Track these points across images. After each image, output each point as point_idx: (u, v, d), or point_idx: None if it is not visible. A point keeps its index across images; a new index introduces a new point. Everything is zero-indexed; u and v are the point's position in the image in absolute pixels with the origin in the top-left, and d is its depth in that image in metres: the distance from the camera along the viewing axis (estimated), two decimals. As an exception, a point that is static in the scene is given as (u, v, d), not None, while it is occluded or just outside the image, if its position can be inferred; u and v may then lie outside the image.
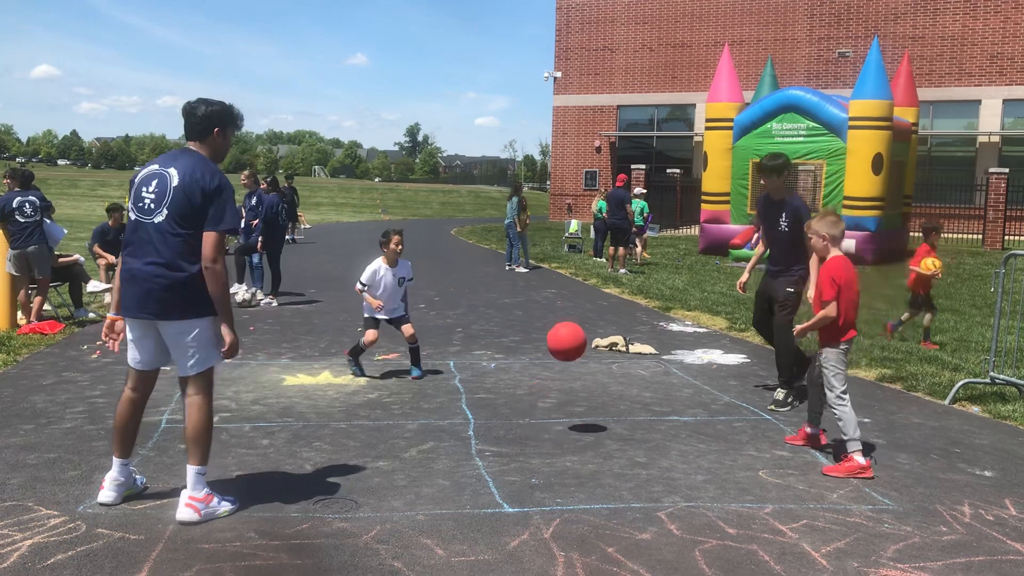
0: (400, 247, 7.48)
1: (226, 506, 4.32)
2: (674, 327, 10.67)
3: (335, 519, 4.28)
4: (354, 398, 6.82)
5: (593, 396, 7.02)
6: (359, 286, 7.50)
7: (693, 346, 9.34)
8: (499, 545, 4.01)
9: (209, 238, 4.15)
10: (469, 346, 9.17)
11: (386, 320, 7.58)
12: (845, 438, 5.19)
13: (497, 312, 11.68)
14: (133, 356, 4.38)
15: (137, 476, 4.56)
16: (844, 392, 5.31)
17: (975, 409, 6.82)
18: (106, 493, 4.37)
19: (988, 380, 7.16)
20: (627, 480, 4.96)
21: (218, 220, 4.17)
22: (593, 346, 9.16)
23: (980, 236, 25.21)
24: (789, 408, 6.76)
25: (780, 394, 6.86)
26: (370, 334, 7.46)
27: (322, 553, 3.88)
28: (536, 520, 4.32)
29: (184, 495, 4.24)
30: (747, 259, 13.25)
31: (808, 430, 5.69)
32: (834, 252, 5.45)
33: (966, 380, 7.28)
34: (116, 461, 4.40)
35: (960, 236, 25.82)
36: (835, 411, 5.27)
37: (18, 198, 9.46)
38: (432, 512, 4.40)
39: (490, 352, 8.85)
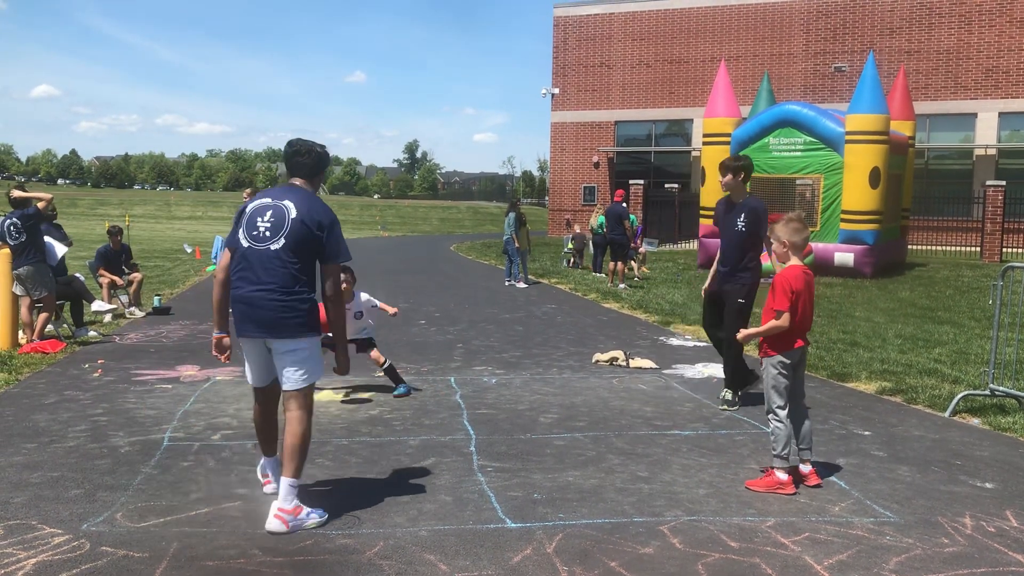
0: (346, 285, 7.28)
1: (315, 517, 4.44)
2: (674, 341, 10.69)
3: (338, 535, 4.29)
4: (356, 415, 6.83)
5: (594, 411, 7.03)
6: None
7: (693, 360, 9.36)
8: (502, 560, 4.02)
9: (332, 271, 4.55)
10: (470, 362, 9.19)
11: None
12: (773, 453, 5.03)
13: (497, 327, 11.70)
14: (250, 376, 4.75)
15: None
16: (781, 407, 5.08)
17: (975, 421, 6.83)
18: (271, 486, 4.84)
19: (988, 392, 7.18)
20: (629, 494, 4.97)
21: (336, 253, 4.55)
22: (594, 361, 9.19)
23: (978, 248, 25.27)
24: (738, 407, 7.14)
25: (728, 394, 7.22)
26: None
27: (326, 569, 3.89)
28: (539, 535, 4.33)
29: (274, 506, 4.42)
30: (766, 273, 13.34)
31: (802, 468, 5.18)
32: (793, 260, 5.16)
33: (966, 392, 7.29)
34: (265, 459, 4.94)
35: (958, 249, 25.87)
36: (770, 424, 5.10)
37: (7, 221, 9.43)
38: (435, 528, 4.41)
39: (491, 367, 8.86)
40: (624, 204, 18.08)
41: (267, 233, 4.48)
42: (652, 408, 7.17)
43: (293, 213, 4.48)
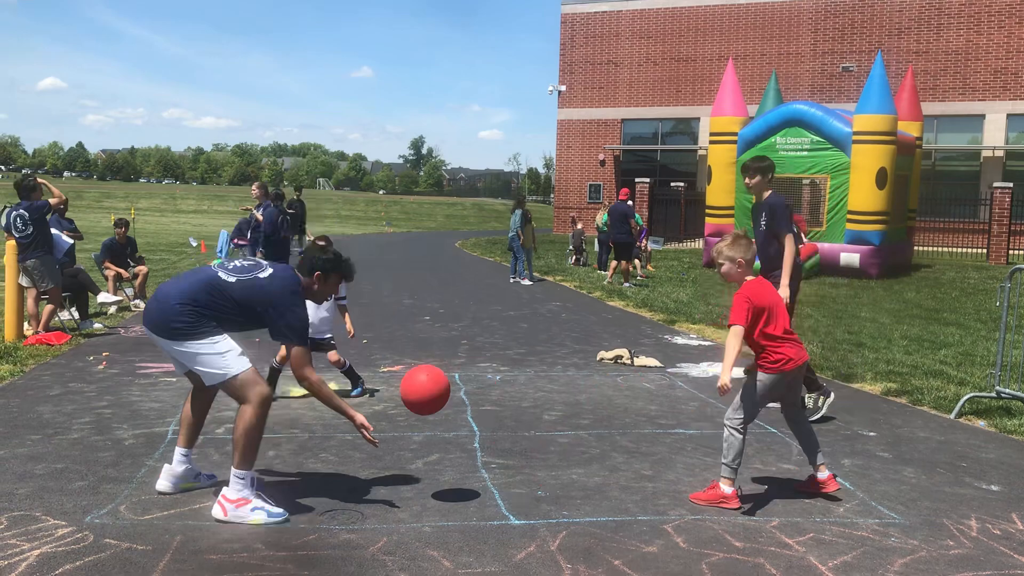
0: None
1: (260, 515, 4.35)
2: (679, 340, 10.68)
3: (342, 531, 4.29)
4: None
5: (599, 408, 7.03)
6: None
7: (698, 359, 9.34)
8: (505, 557, 4.01)
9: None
10: (474, 358, 9.18)
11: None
12: (723, 461, 4.77)
13: (502, 324, 11.69)
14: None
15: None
16: (744, 421, 4.78)
17: (981, 423, 6.81)
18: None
19: (994, 394, 7.16)
20: (633, 493, 4.96)
21: (278, 333, 4.60)
22: (598, 359, 9.18)
23: (985, 250, 25.19)
24: (818, 411, 6.76)
25: (810, 401, 6.81)
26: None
27: (329, 564, 3.89)
28: (542, 532, 4.32)
29: (221, 492, 4.44)
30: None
31: (820, 476, 5.01)
32: (749, 277, 4.89)
33: (972, 394, 7.27)
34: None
35: (965, 250, 25.80)
36: (726, 431, 4.79)
37: (13, 213, 9.41)
38: (438, 524, 4.40)
39: (495, 364, 8.85)
40: (630, 202, 17.93)
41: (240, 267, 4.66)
42: (656, 406, 7.16)
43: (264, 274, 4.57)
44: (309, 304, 6.65)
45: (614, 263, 17.34)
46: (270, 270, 4.62)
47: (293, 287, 4.59)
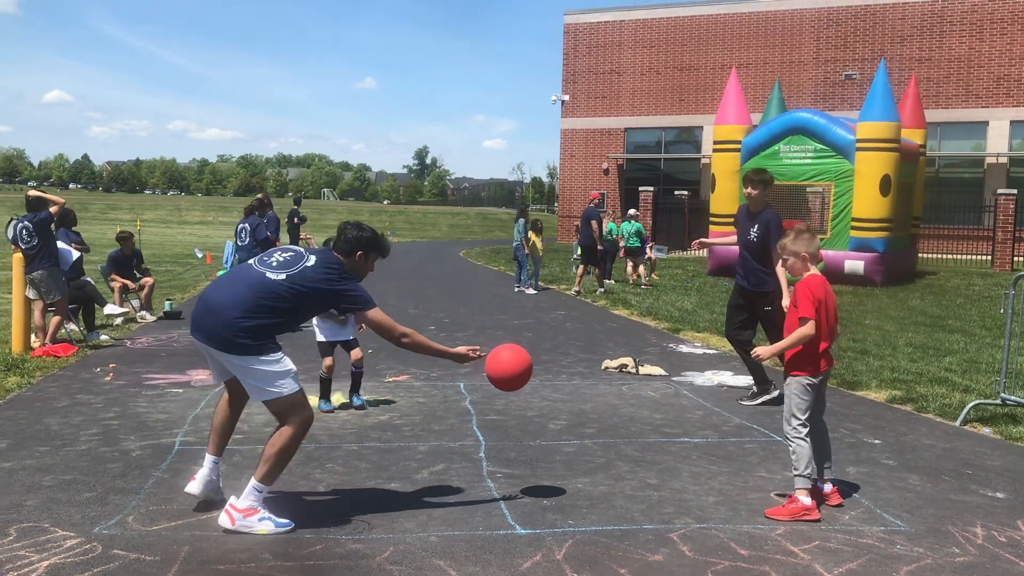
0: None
1: (267, 525, 4.36)
2: (684, 348, 10.68)
3: (348, 540, 4.31)
4: (365, 420, 6.85)
5: (603, 417, 7.04)
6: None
7: (703, 367, 9.35)
8: (512, 566, 4.02)
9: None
10: (479, 367, 9.17)
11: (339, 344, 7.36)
12: (795, 473, 4.79)
13: (507, 334, 11.71)
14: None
15: None
16: (803, 424, 4.85)
17: (986, 430, 6.81)
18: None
19: (999, 401, 7.15)
20: (639, 502, 4.97)
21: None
22: (603, 368, 9.19)
23: (989, 257, 25.16)
24: (750, 397, 7.65)
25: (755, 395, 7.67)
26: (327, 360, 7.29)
27: (335, 574, 3.91)
28: (548, 542, 4.33)
29: (228, 501, 4.43)
30: None
31: (825, 488, 5.04)
32: (812, 270, 5.00)
33: (977, 401, 7.27)
34: None
35: (969, 257, 25.76)
36: (790, 443, 4.86)
37: (19, 225, 9.46)
38: (444, 534, 4.42)
39: (500, 374, 8.85)
40: (593, 205, 17.41)
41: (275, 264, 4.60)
42: (662, 415, 7.17)
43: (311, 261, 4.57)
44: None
45: (580, 269, 17.34)
46: (313, 256, 4.62)
47: (337, 266, 4.61)
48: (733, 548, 4.29)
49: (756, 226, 7.39)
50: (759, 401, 7.56)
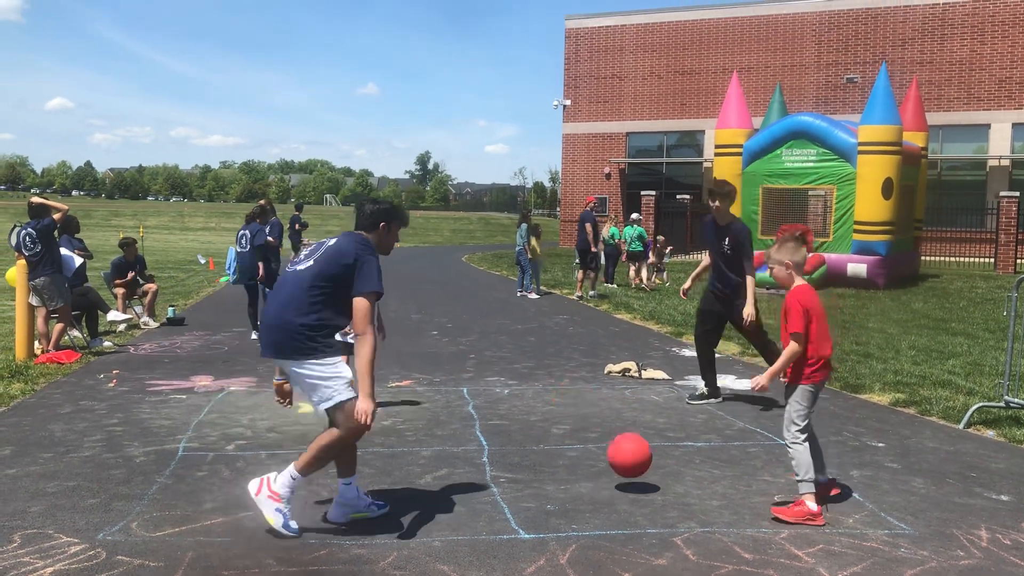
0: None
1: (277, 518, 4.39)
2: (686, 352, 10.67)
3: (352, 545, 4.31)
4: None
5: (607, 422, 7.03)
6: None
7: (706, 372, 9.33)
8: (515, 571, 4.02)
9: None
10: (482, 372, 9.20)
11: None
12: (796, 479, 4.81)
13: (510, 338, 11.71)
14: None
15: None
16: (802, 431, 4.83)
17: (990, 433, 6.80)
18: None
19: (1003, 404, 7.14)
20: (642, 506, 4.97)
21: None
22: (606, 372, 9.19)
23: (992, 260, 25.14)
24: (695, 397, 7.80)
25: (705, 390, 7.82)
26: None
27: (340, 579, 3.91)
28: (552, 546, 4.33)
29: (267, 477, 4.50)
30: (764, 284, 13.43)
31: (820, 479, 5.11)
32: (798, 281, 4.91)
33: (980, 404, 7.26)
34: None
35: (972, 260, 25.75)
36: (789, 449, 4.86)
37: (22, 232, 9.47)
38: (448, 538, 4.42)
39: (503, 378, 8.87)
40: (589, 208, 17.64)
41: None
42: (665, 419, 7.16)
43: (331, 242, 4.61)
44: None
45: (580, 274, 17.38)
46: (334, 238, 4.64)
47: (364, 240, 4.60)
48: (737, 552, 4.29)
49: (727, 239, 7.51)
50: (702, 403, 7.72)
